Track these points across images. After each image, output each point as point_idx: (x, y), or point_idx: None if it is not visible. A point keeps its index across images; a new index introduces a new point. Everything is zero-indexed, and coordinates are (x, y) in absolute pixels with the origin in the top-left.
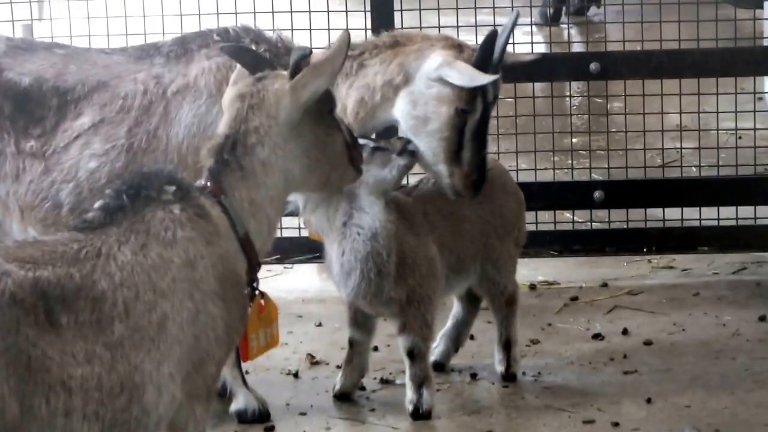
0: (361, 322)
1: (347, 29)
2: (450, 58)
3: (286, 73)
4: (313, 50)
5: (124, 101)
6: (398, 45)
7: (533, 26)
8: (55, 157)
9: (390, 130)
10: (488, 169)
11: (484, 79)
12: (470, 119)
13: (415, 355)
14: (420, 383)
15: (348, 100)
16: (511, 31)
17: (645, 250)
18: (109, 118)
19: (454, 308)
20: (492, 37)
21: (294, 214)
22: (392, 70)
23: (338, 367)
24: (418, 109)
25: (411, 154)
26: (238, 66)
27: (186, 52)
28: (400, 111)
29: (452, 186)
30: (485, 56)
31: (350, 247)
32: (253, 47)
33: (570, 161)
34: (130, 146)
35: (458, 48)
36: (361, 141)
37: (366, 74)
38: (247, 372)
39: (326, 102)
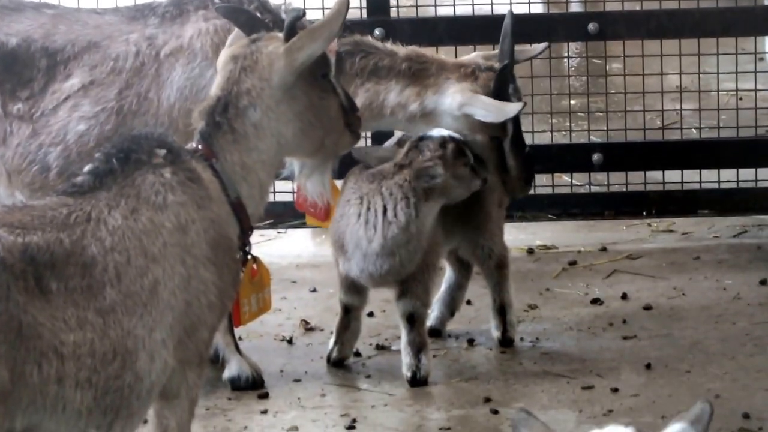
0: (357, 288)
1: None
2: (468, 94)
3: (281, 35)
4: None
5: (115, 63)
6: (414, 76)
7: None
8: (44, 120)
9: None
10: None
11: (511, 111)
12: (507, 140)
13: (415, 320)
14: (418, 349)
15: (356, 98)
16: (512, 35)
17: (644, 213)
18: (100, 79)
19: (447, 273)
20: (506, 69)
21: (288, 178)
22: (408, 96)
23: (332, 333)
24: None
25: (485, 183)
26: (236, 28)
27: (182, 13)
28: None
29: (509, 192)
30: (502, 86)
31: (381, 242)
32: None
33: (568, 123)
34: (120, 109)
35: (473, 76)
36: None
37: (379, 83)
38: (240, 338)
39: (321, 66)
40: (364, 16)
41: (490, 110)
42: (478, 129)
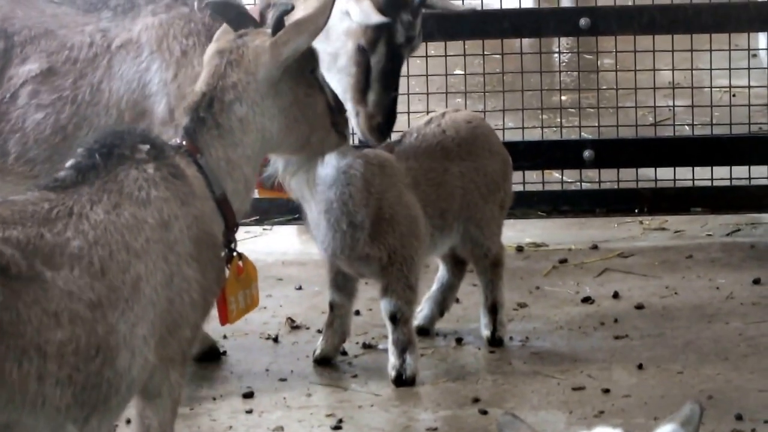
0: (341, 285)
1: None
2: None
3: (269, 30)
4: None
5: (70, 52)
6: None
7: None
8: (3, 107)
9: None
10: (395, 114)
11: (375, 19)
12: (373, 59)
13: (397, 319)
14: (403, 348)
15: None
16: None
17: (636, 211)
18: (56, 67)
19: (440, 271)
20: None
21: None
22: (312, 4)
23: (319, 331)
24: (330, 45)
25: None
26: (224, 24)
27: (133, 8)
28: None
29: (359, 127)
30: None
31: (317, 198)
32: (197, 4)
33: (559, 119)
34: (74, 98)
35: None
36: None
37: (293, 14)
38: (225, 336)
39: (309, 61)
40: None
41: (363, 12)
42: (352, 35)
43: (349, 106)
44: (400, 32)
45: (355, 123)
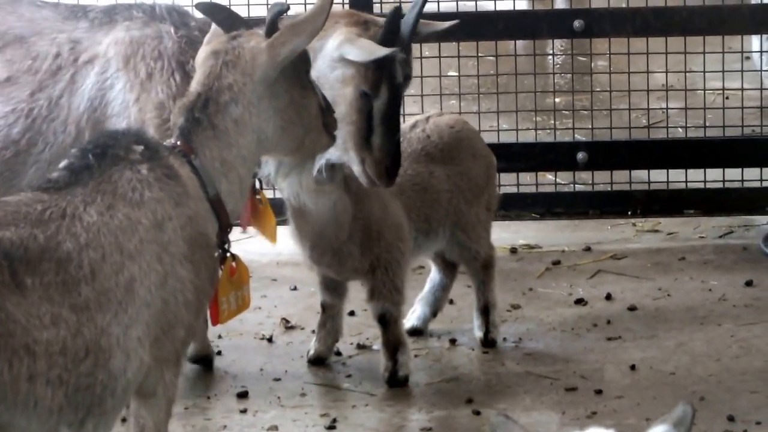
0: (331, 286)
1: None
2: (353, 36)
3: (262, 32)
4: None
5: (33, 62)
6: None
7: None
8: None
9: None
10: (400, 154)
11: (381, 52)
12: (377, 103)
13: (387, 320)
14: (394, 349)
15: None
16: (423, 5)
17: (629, 213)
18: (15, 77)
19: (432, 272)
20: (397, 12)
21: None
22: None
23: (313, 332)
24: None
25: None
26: (213, 25)
27: (110, 22)
28: None
29: (365, 174)
30: (391, 32)
31: (307, 221)
32: (172, 29)
33: (553, 121)
34: (30, 111)
35: (363, 25)
36: None
37: None
38: (219, 337)
39: (303, 62)
40: None
41: (364, 49)
42: (350, 82)
43: (352, 154)
44: (398, 72)
45: (359, 170)
